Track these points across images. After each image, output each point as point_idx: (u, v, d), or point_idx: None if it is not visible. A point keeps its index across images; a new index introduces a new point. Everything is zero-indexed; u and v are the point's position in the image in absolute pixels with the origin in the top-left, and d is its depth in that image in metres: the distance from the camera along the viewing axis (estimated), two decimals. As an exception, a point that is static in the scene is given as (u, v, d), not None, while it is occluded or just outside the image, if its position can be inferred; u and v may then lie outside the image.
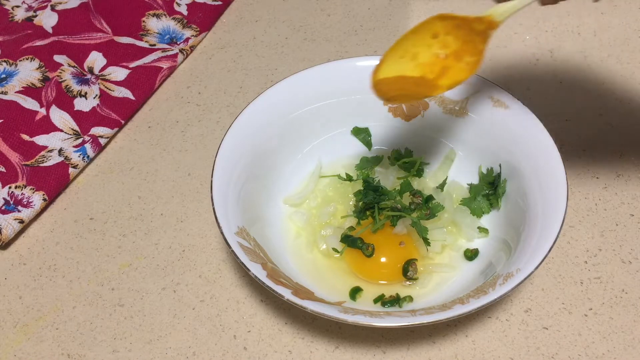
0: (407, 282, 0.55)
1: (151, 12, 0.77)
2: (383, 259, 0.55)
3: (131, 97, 0.69)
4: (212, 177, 0.52)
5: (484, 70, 0.71)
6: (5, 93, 0.68)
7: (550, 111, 0.67)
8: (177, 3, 0.78)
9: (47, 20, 0.75)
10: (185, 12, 0.77)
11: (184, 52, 0.74)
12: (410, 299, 0.53)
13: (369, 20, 0.77)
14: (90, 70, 0.72)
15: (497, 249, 0.55)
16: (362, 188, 0.58)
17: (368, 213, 0.57)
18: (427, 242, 0.55)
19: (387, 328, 0.54)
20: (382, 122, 0.61)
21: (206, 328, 0.55)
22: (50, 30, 0.75)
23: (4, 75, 0.70)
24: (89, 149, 0.65)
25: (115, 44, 0.74)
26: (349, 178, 0.60)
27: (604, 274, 0.56)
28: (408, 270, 0.54)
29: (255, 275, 0.47)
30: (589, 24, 0.76)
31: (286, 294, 0.47)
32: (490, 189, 0.58)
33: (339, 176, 0.60)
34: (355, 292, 0.54)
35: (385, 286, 0.55)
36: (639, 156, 0.64)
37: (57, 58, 0.72)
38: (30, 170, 0.63)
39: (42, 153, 0.65)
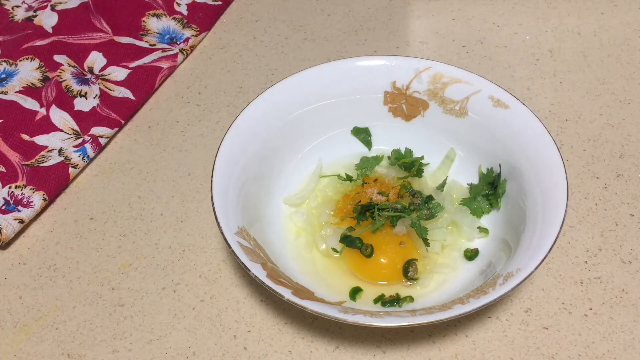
0: (408, 282, 0.55)
1: (151, 12, 0.77)
2: (382, 260, 0.55)
3: (131, 97, 0.69)
4: (212, 177, 0.52)
5: (484, 70, 0.71)
6: (5, 93, 0.69)
7: (550, 111, 0.67)
8: (177, 3, 0.78)
9: (47, 20, 0.75)
10: (185, 12, 0.77)
11: (184, 52, 0.74)
12: (410, 299, 0.53)
13: (369, 20, 0.77)
14: (90, 70, 0.72)
15: (497, 249, 0.55)
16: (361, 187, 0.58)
17: (367, 214, 0.57)
18: (426, 242, 0.55)
19: (387, 328, 0.54)
20: (382, 122, 0.61)
21: (206, 328, 0.55)
22: (50, 30, 0.75)
23: (4, 75, 0.70)
24: (89, 148, 0.65)
25: (115, 44, 0.74)
26: (349, 178, 0.60)
27: (604, 274, 0.56)
28: (408, 271, 0.54)
29: (255, 275, 0.47)
30: (589, 24, 0.76)
31: (286, 294, 0.47)
32: (490, 189, 0.58)
33: (339, 176, 0.60)
34: (355, 292, 0.54)
35: (386, 286, 0.55)
36: (639, 156, 0.64)
37: (57, 58, 0.72)
38: (30, 170, 0.63)
39: (42, 153, 0.64)
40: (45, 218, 0.62)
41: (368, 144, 0.62)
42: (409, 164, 0.60)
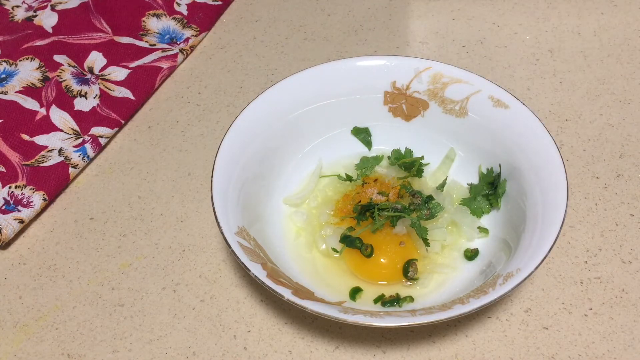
0: (408, 282, 0.55)
1: (151, 12, 0.77)
2: (382, 260, 0.55)
3: (131, 97, 0.69)
4: (212, 177, 0.52)
5: (484, 70, 0.71)
6: (5, 93, 0.69)
7: (550, 111, 0.67)
8: (177, 3, 0.78)
9: (47, 20, 0.75)
10: (185, 12, 0.77)
11: (184, 52, 0.74)
12: (410, 299, 0.53)
13: (369, 20, 0.77)
14: (90, 70, 0.72)
15: (497, 249, 0.55)
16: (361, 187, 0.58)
17: (367, 214, 0.57)
18: (426, 242, 0.55)
19: (387, 328, 0.54)
20: (382, 122, 0.61)
21: (206, 328, 0.55)
22: (50, 30, 0.75)
23: (4, 75, 0.70)
24: (89, 148, 0.65)
25: (115, 44, 0.74)
26: (349, 178, 0.60)
27: (604, 274, 0.56)
28: (408, 271, 0.54)
29: (255, 275, 0.47)
30: (589, 24, 0.76)
31: (286, 294, 0.47)
32: (490, 189, 0.58)
33: (339, 176, 0.60)
34: (355, 292, 0.54)
35: (386, 286, 0.55)
36: (639, 156, 0.64)
37: (57, 58, 0.72)
38: (30, 170, 0.63)
39: (42, 153, 0.65)
40: (45, 218, 0.62)
41: (368, 144, 0.62)
42: (409, 164, 0.60)
